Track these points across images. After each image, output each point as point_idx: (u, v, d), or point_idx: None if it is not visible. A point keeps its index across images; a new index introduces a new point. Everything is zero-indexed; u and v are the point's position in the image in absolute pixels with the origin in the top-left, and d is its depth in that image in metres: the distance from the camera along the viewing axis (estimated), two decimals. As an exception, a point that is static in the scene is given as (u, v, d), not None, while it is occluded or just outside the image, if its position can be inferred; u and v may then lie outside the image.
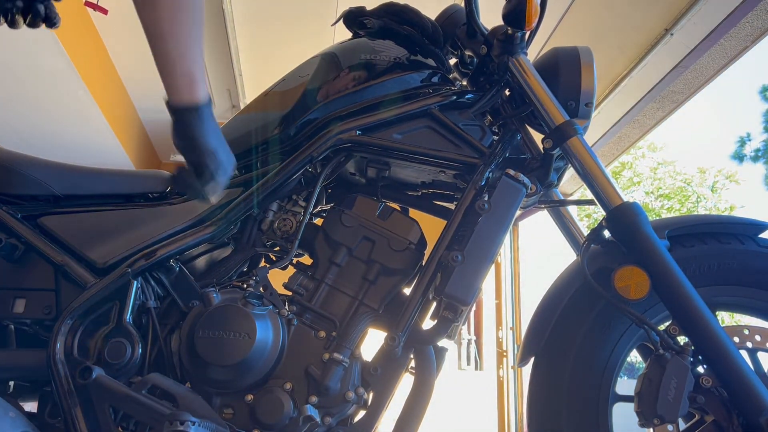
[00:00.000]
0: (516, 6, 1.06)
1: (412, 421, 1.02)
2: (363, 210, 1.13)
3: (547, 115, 1.10)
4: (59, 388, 0.95)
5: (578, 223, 1.27)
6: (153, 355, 1.02)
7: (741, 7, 2.60)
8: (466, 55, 1.27)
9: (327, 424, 0.99)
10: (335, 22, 1.25)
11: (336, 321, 1.06)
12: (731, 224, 1.12)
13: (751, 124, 30.01)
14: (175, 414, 0.89)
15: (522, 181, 1.06)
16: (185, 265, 1.11)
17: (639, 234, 1.01)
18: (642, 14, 2.95)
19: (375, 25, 1.17)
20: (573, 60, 1.16)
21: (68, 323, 0.99)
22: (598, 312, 1.08)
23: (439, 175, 1.18)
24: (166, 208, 1.13)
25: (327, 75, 1.18)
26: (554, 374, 1.08)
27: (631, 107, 3.57)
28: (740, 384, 0.94)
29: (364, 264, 1.10)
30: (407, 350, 1.05)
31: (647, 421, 0.95)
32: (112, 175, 1.17)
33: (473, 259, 1.00)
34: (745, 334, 1.05)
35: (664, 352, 0.97)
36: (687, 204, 14.60)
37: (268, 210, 1.15)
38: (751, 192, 29.49)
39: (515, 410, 5.14)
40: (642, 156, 14.91)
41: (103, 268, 1.05)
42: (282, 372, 1.01)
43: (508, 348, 5.31)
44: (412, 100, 1.15)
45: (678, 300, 0.97)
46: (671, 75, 3.18)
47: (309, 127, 1.13)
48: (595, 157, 1.07)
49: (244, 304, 1.00)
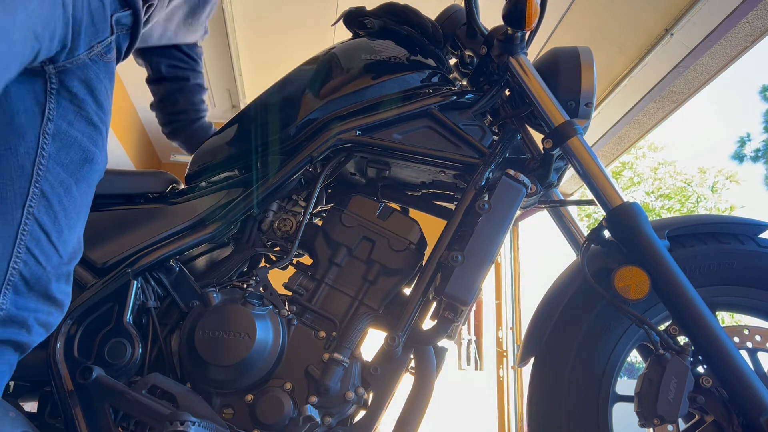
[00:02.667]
0: (516, 6, 1.06)
1: (412, 421, 1.02)
2: (363, 210, 1.13)
3: (547, 115, 1.10)
4: (59, 388, 0.95)
5: (578, 223, 1.28)
6: (153, 355, 1.02)
7: (741, 7, 2.60)
8: (466, 55, 1.27)
9: (327, 424, 0.99)
10: (335, 22, 1.25)
11: (336, 321, 1.06)
12: (731, 224, 1.12)
13: (751, 124, 30.06)
14: (175, 414, 0.89)
15: (522, 181, 1.06)
16: (185, 265, 1.11)
17: (639, 234, 1.01)
18: (642, 14, 2.95)
19: (375, 26, 1.18)
20: (573, 60, 1.16)
21: (68, 323, 0.99)
22: (598, 312, 1.09)
23: (439, 175, 1.18)
24: (166, 208, 1.13)
25: (327, 75, 1.18)
26: (554, 374, 1.08)
27: (631, 107, 3.57)
28: (740, 384, 0.94)
29: (364, 264, 1.10)
30: (407, 350, 1.05)
31: (647, 421, 0.95)
32: (112, 175, 1.17)
33: (473, 259, 1.00)
34: (745, 334, 1.05)
35: (664, 352, 0.97)
36: (687, 204, 14.61)
37: (268, 210, 1.15)
38: (751, 192, 29.50)
39: (515, 410, 5.14)
40: (642, 156, 14.91)
41: (103, 268, 1.05)
42: (282, 372, 1.01)
43: (508, 348, 5.32)
44: (412, 100, 1.15)
45: (678, 300, 0.98)
46: (671, 75, 3.18)
47: (309, 127, 1.14)
48: (595, 157, 1.07)
49: (244, 304, 1.00)
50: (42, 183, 0.82)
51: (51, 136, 0.83)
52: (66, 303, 0.87)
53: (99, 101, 0.89)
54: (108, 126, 0.94)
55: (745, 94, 45.89)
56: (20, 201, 0.80)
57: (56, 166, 0.83)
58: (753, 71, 33.63)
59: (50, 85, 0.84)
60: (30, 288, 0.81)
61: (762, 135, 14.59)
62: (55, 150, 0.83)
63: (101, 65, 0.89)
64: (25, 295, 0.80)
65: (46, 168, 0.82)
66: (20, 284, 0.80)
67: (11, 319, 0.79)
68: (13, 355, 0.82)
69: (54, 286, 0.84)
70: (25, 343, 0.82)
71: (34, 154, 0.81)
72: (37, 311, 0.82)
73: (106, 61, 0.91)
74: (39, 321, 0.82)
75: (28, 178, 0.80)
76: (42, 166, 0.82)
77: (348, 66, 1.18)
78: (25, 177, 0.80)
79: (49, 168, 0.83)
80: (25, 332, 0.81)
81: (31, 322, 0.81)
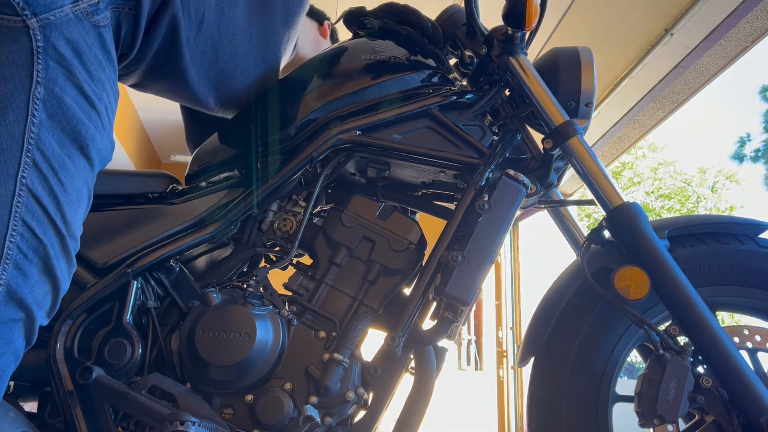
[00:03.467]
0: (516, 6, 1.06)
1: (412, 421, 1.02)
2: (363, 210, 1.13)
3: (547, 115, 1.10)
4: (59, 388, 0.95)
5: (578, 223, 1.28)
6: (153, 355, 1.02)
7: (741, 8, 2.60)
8: (466, 55, 1.27)
9: (327, 424, 0.99)
10: (335, 22, 1.25)
11: (336, 321, 1.06)
12: (731, 224, 1.12)
13: (751, 124, 30.05)
14: (175, 414, 0.89)
15: (522, 181, 1.06)
16: (185, 265, 1.11)
17: (639, 234, 1.01)
18: (642, 14, 2.95)
19: (375, 26, 1.17)
20: (573, 60, 1.16)
21: (68, 323, 0.99)
22: (598, 312, 1.09)
23: (439, 175, 1.18)
24: (166, 208, 1.13)
25: (327, 75, 1.18)
26: (554, 374, 1.08)
27: (631, 107, 3.57)
28: (740, 384, 0.94)
29: (364, 264, 1.10)
30: (407, 350, 1.05)
31: (647, 421, 0.95)
32: (112, 175, 1.17)
33: (473, 260, 1.00)
34: (745, 334, 1.05)
35: (664, 352, 0.97)
36: (687, 204, 14.62)
37: (268, 210, 1.15)
38: (751, 192, 29.49)
39: (515, 410, 5.14)
40: (642, 156, 14.92)
41: (103, 268, 1.05)
42: (282, 372, 1.01)
43: (508, 348, 5.32)
44: (412, 100, 1.15)
45: (678, 300, 0.98)
46: (671, 75, 3.18)
47: (309, 127, 1.13)
48: (595, 157, 1.07)
49: (244, 304, 1.00)
50: (34, 152, 0.78)
51: (41, 101, 0.79)
52: (64, 286, 0.85)
53: (90, 71, 0.84)
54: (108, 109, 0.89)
55: (745, 94, 45.90)
56: (12, 171, 0.77)
57: (48, 136, 0.79)
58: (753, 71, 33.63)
59: (35, 42, 0.78)
60: (30, 263, 0.78)
61: (762, 135, 14.62)
62: (46, 117, 0.79)
63: (88, 26, 0.83)
64: (25, 270, 0.78)
65: (37, 136, 0.78)
66: (20, 258, 0.77)
67: (11, 296, 0.77)
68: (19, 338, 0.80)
69: (55, 262, 0.81)
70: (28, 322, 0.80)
71: (23, 121, 0.77)
72: (34, 290, 0.80)
73: (94, 23, 0.84)
74: (38, 301, 0.81)
75: (19, 147, 0.77)
76: (33, 134, 0.78)
77: (348, 66, 1.18)
78: (16, 145, 0.77)
79: (41, 136, 0.79)
80: (24, 312, 0.79)
81: (29, 301, 0.79)
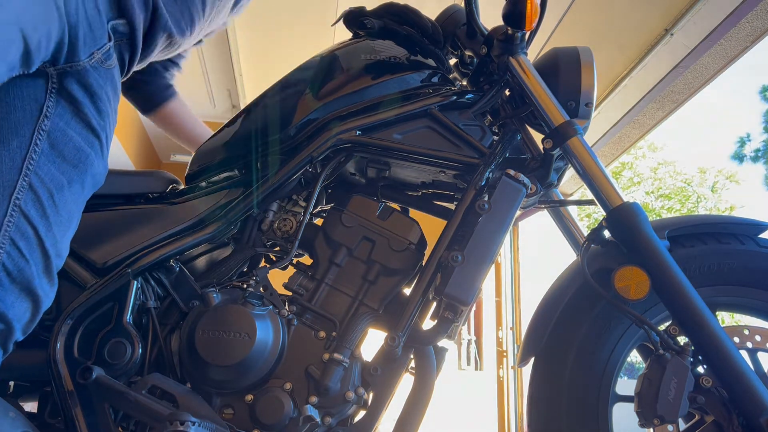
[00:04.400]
0: (516, 6, 1.06)
1: (412, 421, 1.02)
2: (363, 210, 1.13)
3: (547, 115, 1.10)
4: (59, 388, 0.95)
5: (578, 223, 1.28)
6: (153, 355, 1.02)
7: (741, 7, 2.60)
8: (466, 55, 1.27)
9: (327, 424, 0.99)
10: (335, 23, 1.25)
11: (336, 321, 1.06)
12: (731, 224, 1.12)
13: (751, 124, 30.05)
14: (175, 414, 0.89)
15: (522, 181, 1.06)
16: (185, 265, 1.11)
17: (639, 234, 1.01)
18: (642, 14, 2.95)
19: (375, 26, 1.18)
20: (573, 60, 1.16)
21: (68, 323, 0.99)
22: (598, 312, 1.09)
23: (439, 176, 1.18)
24: (166, 208, 1.13)
25: (327, 75, 1.18)
26: (554, 374, 1.08)
27: (631, 107, 3.56)
28: (740, 384, 0.94)
29: (364, 264, 1.10)
30: (407, 350, 1.05)
31: (647, 421, 0.95)
32: (112, 175, 1.17)
33: (473, 259, 1.00)
34: (745, 334, 1.05)
35: (664, 352, 0.97)
36: (687, 204, 14.62)
37: (268, 210, 1.15)
38: (751, 192, 29.48)
39: (515, 410, 5.14)
40: (642, 156, 14.92)
41: (103, 268, 1.05)
42: (282, 372, 1.01)
43: (508, 348, 5.32)
44: (412, 100, 1.15)
45: (678, 300, 0.98)
46: (671, 75, 3.18)
47: (309, 127, 1.13)
48: (595, 157, 1.07)
49: (244, 304, 1.00)
50: (31, 177, 0.83)
51: (46, 132, 0.84)
52: (45, 304, 0.88)
53: (99, 108, 0.91)
54: (109, 135, 0.95)
55: (745, 94, 45.90)
56: (7, 192, 0.81)
57: (48, 163, 0.85)
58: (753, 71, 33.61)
59: (51, 84, 0.85)
60: (12, 280, 0.81)
61: (762, 135, 14.62)
62: (48, 147, 0.85)
63: (102, 71, 0.91)
64: (6, 287, 0.81)
65: (37, 163, 0.84)
66: (3, 276, 0.81)
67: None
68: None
69: (37, 282, 0.85)
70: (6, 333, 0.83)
71: (26, 148, 0.83)
72: (14, 306, 0.82)
73: (107, 68, 0.92)
74: (17, 316, 0.83)
75: (17, 171, 0.82)
76: (33, 161, 0.83)
77: (348, 66, 1.18)
78: (15, 170, 0.82)
79: (40, 164, 0.84)
80: (5, 324, 0.82)
81: (10, 316, 0.82)
